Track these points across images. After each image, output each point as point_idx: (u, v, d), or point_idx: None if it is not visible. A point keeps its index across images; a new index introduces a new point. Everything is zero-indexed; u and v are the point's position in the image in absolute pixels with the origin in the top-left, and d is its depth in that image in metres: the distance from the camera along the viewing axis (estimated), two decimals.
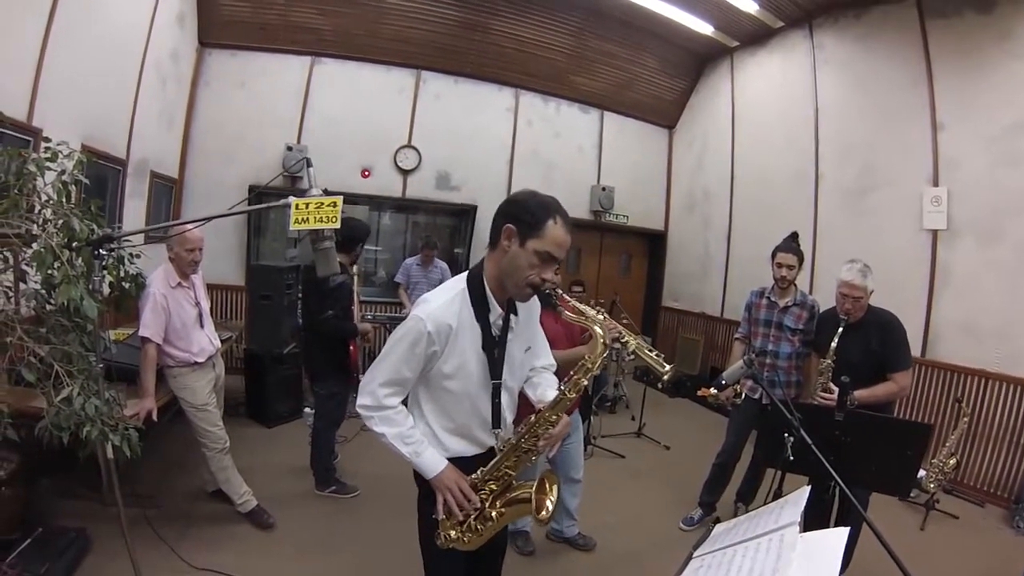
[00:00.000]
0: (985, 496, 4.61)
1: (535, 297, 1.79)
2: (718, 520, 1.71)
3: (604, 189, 8.00)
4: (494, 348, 1.76)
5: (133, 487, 3.33)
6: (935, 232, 5.07)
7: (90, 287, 2.35)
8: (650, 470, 4.94)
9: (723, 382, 2.46)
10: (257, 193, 5.43)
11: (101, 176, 4.55)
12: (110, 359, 3.06)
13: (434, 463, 1.74)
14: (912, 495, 4.15)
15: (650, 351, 2.91)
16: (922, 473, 4.05)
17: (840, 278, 3.11)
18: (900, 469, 2.46)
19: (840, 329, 3.11)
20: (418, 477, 1.83)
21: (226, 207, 2.86)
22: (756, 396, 3.71)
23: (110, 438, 2.43)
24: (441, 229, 7.60)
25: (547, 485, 1.82)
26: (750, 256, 6.69)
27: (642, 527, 3.91)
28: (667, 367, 2.84)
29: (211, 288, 6.09)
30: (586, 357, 1.77)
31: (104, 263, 2.45)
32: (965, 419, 4.49)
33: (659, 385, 7.05)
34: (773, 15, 6.45)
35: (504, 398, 1.83)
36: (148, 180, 5.39)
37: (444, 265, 6.18)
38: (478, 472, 1.79)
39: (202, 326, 3.40)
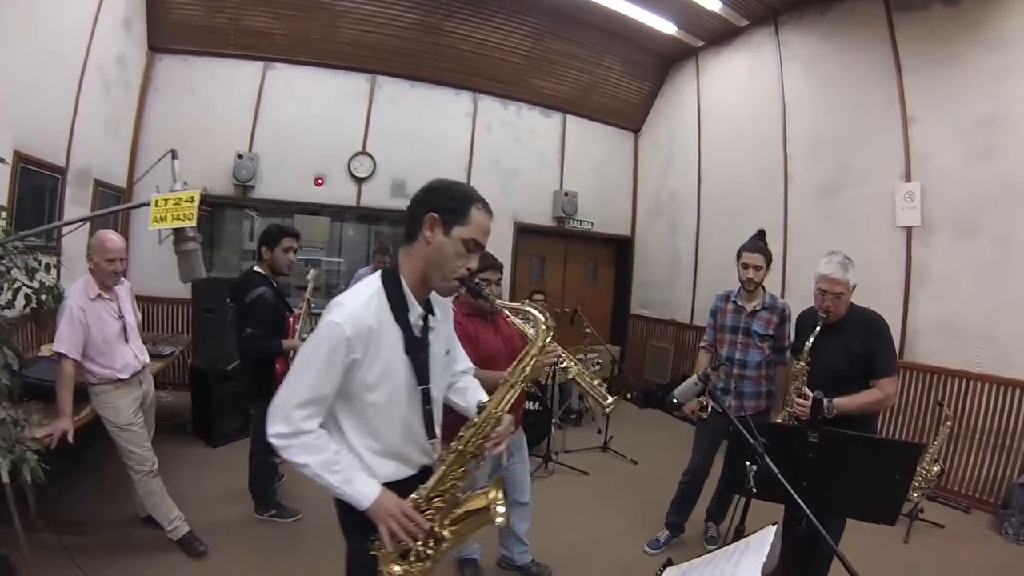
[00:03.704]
0: (971, 502, 4.45)
1: (447, 297, 1.73)
2: (669, 562, 1.49)
3: (567, 194, 7.78)
4: (418, 350, 1.59)
5: (58, 513, 3.18)
6: (909, 229, 4.94)
7: None
8: (615, 488, 4.64)
9: (675, 400, 2.13)
10: (209, 203, 5.21)
11: (37, 185, 4.30)
12: (28, 376, 2.87)
13: (368, 490, 1.53)
14: None
15: (591, 379, 2.67)
16: None
17: (818, 272, 2.81)
18: (887, 496, 2.10)
19: (817, 328, 2.82)
20: (343, 510, 1.63)
21: None
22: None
23: None
24: (401, 239, 7.33)
25: (496, 491, 1.67)
26: (719, 261, 6.55)
27: (604, 551, 3.60)
28: (609, 399, 2.62)
29: (159, 301, 5.92)
30: (538, 339, 1.72)
31: None
32: (948, 423, 4.34)
33: (627, 395, 6.84)
34: (738, 13, 6.36)
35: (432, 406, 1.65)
36: (92, 189, 5.15)
37: None
38: (419, 491, 1.60)
39: (127, 340, 3.16)
